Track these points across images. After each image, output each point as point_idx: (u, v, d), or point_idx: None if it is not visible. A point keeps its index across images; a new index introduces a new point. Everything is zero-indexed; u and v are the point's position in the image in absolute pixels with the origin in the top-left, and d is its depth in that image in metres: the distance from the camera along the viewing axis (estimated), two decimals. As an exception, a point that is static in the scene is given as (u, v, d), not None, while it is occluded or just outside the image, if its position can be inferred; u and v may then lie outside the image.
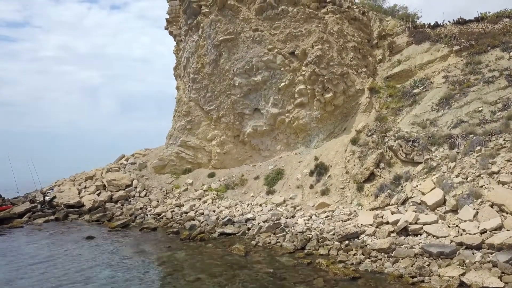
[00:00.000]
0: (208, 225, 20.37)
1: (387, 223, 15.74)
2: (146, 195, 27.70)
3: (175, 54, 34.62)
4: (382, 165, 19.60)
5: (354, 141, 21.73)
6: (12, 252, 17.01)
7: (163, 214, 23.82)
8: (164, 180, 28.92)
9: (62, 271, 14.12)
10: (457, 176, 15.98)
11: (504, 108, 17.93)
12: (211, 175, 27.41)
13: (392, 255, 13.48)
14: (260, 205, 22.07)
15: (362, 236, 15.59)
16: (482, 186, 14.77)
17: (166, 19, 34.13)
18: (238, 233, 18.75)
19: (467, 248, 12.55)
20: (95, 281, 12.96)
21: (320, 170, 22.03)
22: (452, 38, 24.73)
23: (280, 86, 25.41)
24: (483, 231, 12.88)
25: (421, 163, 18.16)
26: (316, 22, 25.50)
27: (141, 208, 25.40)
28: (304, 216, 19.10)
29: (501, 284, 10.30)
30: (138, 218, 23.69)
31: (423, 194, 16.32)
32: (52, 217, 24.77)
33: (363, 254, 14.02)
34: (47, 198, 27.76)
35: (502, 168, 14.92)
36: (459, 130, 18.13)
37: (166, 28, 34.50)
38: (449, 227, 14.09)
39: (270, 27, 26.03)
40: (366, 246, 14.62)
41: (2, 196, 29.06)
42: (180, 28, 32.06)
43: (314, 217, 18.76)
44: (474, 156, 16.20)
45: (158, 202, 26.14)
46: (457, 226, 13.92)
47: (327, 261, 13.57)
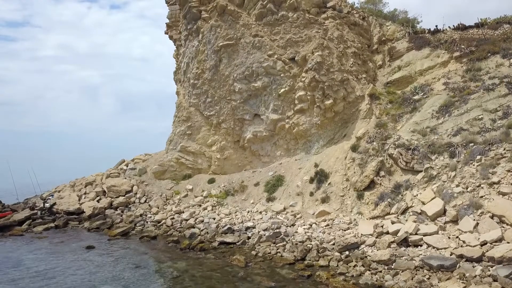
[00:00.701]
0: (208, 233, 20.34)
1: (387, 233, 15.75)
2: (146, 201, 27.61)
3: (175, 58, 34.56)
4: (382, 173, 19.56)
5: (354, 148, 21.69)
6: (11, 262, 16.95)
7: (163, 221, 23.73)
8: (164, 186, 28.83)
9: (64, 286, 14.08)
10: (457, 185, 15.97)
11: (504, 116, 17.92)
12: (211, 181, 27.36)
13: (393, 267, 13.49)
14: (260, 212, 22.04)
15: (362, 246, 15.60)
16: (482, 197, 14.76)
17: (166, 23, 34.06)
18: (238, 242, 18.71)
19: (467, 261, 12.55)
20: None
21: (320, 177, 21.99)
22: (452, 44, 24.72)
23: (280, 92, 25.36)
24: (484, 243, 12.89)
25: (421, 171, 18.14)
26: (316, 27, 25.45)
27: (141, 215, 25.31)
28: (304, 225, 19.07)
29: (501, 300, 10.31)
30: (138, 225, 23.60)
31: (423, 203, 16.30)
32: (52, 224, 24.65)
33: (363, 266, 14.02)
34: (47, 205, 27.71)
35: (502, 178, 14.91)
36: (459, 138, 18.10)
37: (166, 33, 34.39)
38: (449, 238, 14.09)
39: (270, 33, 25.99)
40: (366, 257, 14.63)
41: (2, 202, 29.05)
42: (180, 32, 31.98)
43: (314, 225, 18.74)
44: (474, 165, 16.19)
45: (158, 208, 26.05)
46: (457, 237, 13.93)
47: (327, 273, 13.56)
